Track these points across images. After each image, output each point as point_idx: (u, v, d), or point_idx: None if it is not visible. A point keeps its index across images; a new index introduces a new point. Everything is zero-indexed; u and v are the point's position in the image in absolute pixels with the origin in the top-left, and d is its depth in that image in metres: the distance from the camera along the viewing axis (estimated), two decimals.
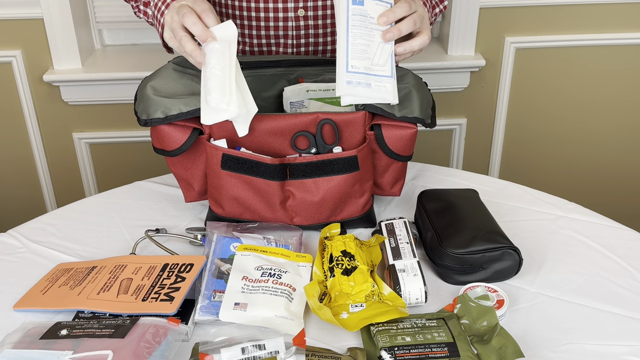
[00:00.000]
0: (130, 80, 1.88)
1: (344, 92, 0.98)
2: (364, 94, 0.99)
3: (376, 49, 1.00)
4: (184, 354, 0.86)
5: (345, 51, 0.99)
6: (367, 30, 1.00)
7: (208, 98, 0.96)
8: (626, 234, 1.12)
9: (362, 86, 0.99)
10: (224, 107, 0.96)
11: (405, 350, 0.84)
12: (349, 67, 0.98)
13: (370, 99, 1.01)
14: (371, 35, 1.00)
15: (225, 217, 1.09)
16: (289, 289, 0.94)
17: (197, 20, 0.98)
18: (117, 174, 2.09)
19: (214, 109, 0.96)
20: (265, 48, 1.28)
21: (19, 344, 0.85)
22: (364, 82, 0.99)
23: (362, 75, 0.99)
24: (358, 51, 0.99)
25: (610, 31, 1.96)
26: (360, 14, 1.00)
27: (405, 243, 1.01)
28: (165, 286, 0.93)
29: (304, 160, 1.04)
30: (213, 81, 0.96)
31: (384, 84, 1.01)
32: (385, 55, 1.01)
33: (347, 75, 0.98)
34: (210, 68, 0.97)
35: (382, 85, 1.00)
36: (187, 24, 0.98)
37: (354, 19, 0.99)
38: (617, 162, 2.17)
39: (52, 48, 1.87)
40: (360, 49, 0.99)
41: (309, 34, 1.25)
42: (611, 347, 0.88)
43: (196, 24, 0.98)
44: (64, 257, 1.07)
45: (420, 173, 1.30)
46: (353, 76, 0.98)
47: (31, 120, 1.98)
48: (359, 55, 0.99)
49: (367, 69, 0.99)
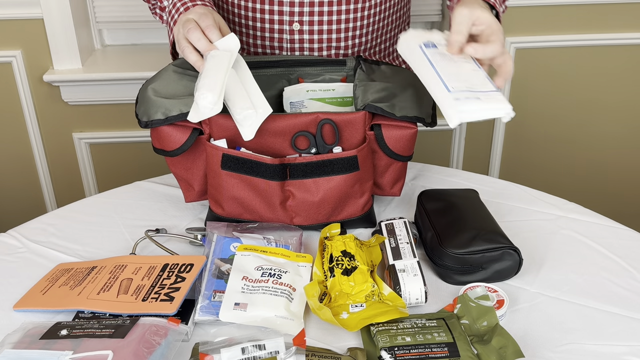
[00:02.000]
0: (130, 80, 1.88)
1: (454, 110, 0.89)
2: (476, 107, 0.90)
3: (469, 74, 0.95)
4: (184, 354, 0.86)
5: (439, 79, 0.93)
6: (452, 62, 0.96)
7: (195, 94, 0.97)
8: (626, 234, 1.12)
9: (472, 100, 0.90)
10: (208, 106, 0.96)
11: (405, 351, 0.84)
12: (450, 88, 0.92)
13: (485, 111, 0.91)
14: (458, 66, 0.96)
15: (225, 217, 1.09)
16: (289, 289, 0.94)
17: (201, 36, 1.02)
18: (117, 174, 2.09)
19: (198, 105, 0.97)
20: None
21: (19, 344, 0.85)
22: (472, 97, 0.91)
23: (467, 92, 0.91)
24: (452, 75, 0.94)
25: (610, 31, 1.96)
26: (438, 53, 0.97)
27: (405, 243, 1.01)
28: (165, 286, 0.93)
29: (304, 160, 1.04)
30: (203, 80, 0.97)
31: (494, 95, 0.93)
32: (480, 76, 0.95)
33: (451, 94, 0.91)
34: (205, 70, 0.99)
35: (492, 96, 0.92)
36: (192, 39, 1.02)
37: (433, 57, 0.96)
38: (617, 162, 2.17)
39: (52, 48, 1.87)
40: (453, 75, 0.94)
41: (303, 47, 1.26)
42: (611, 347, 0.88)
43: (200, 39, 1.02)
44: (64, 257, 1.07)
45: (420, 173, 1.30)
46: (458, 93, 0.91)
47: (31, 120, 1.98)
48: (455, 79, 0.93)
49: (469, 87, 0.93)
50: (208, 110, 0.96)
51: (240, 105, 0.99)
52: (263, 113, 1.01)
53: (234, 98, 1.00)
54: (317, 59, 1.21)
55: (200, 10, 1.06)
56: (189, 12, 1.06)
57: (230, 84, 1.01)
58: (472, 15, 0.98)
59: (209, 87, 0.96)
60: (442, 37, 1.02)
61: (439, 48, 0.99)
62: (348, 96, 1.19)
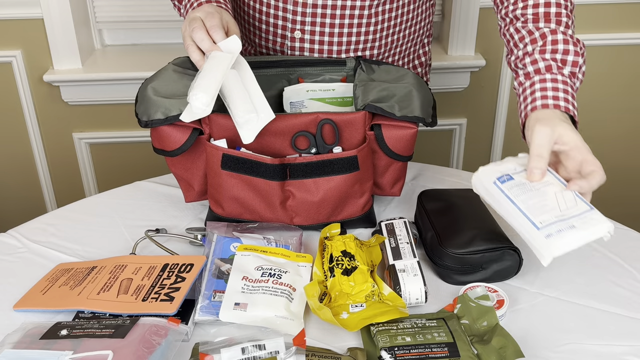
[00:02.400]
0: (130, 80, 1.88)
1: (547, 251, 0.83)
2: (573, 237, 0.84)
3: (555, 199, 0.87)
4: (184, 354, 0.86)
5: (524, 217, 0.86)
6: (534, 191, 0.89)
7: (189, 94, 0.97)
8: (626, 234, 1.12)
9: (567, 231, 0.83)
10: (200, 107, 0.96)
11: (406, 351, 0.84)
12: (538, 225, 0.85)
13: (584, 238, 0.84)
14: (542, 192, 0.89)
15: (225, 217, 1.09)
16: (289, 289, 0.94)
17: (205, 36, 1.02)
18: (117, 174, 2.09)
19: (191, 105, 0.97)
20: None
21: (19, 344, 0.85)
22: (566, 227, 0.83)
23: (558, 223, 0.84)
24: (537, 209, 0.86)
25: (610, 31, 1.96)
26: (517, 185, 0.90)
27: (405, 243, 1.01)
28: (165, 286, 0.93)
29: (304, 160, 1.04)
30: (199, 80, 0.97)
31: (590, 217, 0.85)
32: (569, 198, 0.88)
33: (540, 232, 0.84)
34: (202, 70, 0.99)
35: (588, 218, 0.85)
36: (196, 39, 1.02)
37: (512, 192, 0.89)
38: (617, 162, 2.17)
39: (52, 48, 1.87)
40: (538, 207, 0.86)
41: (303, 55, 1.26)
42: (611, 347, 0.88)
43: (204, 40, 1.02)
44: (64, 257, 1.07)
45: (420, 173, 1.30)
46: (548, 228, 0.84)
47: (31, 120, 1.98)
48: (541, 212, 0.86)
49: (559, 216, 0.85)
50: (200, 111, 0.96)
51: (242, 108, 0.99)
52: (265, 118, 1.01)
53: (235, 100, 1.00)
54: (317, 59, 1.21)
55: (208, 9, 1.06)
56: (197, 10, 1.06)
57: (232, 85, 1.00)
58: (554, 134, 0.91)
59: (203, 88, 0.95)
60: (516, 164, 0.94)
61: (516, 178, 0.91)
62: (348, 96, 1.19)
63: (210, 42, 1.02)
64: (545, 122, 0.93)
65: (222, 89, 1.00)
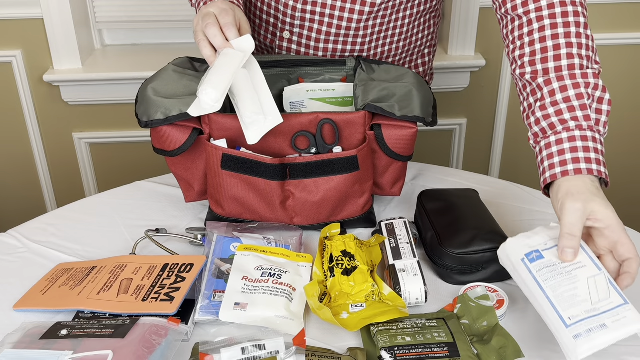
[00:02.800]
0: (130, 80, 1.88)
1: (575, 352, 0.78)
2: (604, 338, 0.79)
3: (587, 287, 0.82)
4: (184, 354, 0.86)
5: (552, 309, 0.81)
6: (565, 275, 0.83)
7: (199, 89, 0.96)
8: None
9: (597, 331, 0.79)
10: (209, 102, 0.95)
11: (406, 350, 0.84)
12: (567, 320, 0.79)
13: (614, 340, 0.79)
14: (574, 277, 0.83)
15: (225, 217, 1.09)
16: (289, 289, 0.94)
17: (218, 33, 1.01)
18: (117, 174, 2.09)
19: (200, 100, 0.96)
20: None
21: (19, 344, 0.85)
22: (596, 326, 0.79)
23: (588, 320, 0.79)
24: (566, 300, 0.81)
25: (610, 31, 1.96)
26: (546, 266, 0.84)
27: (405, 243, 1.01)
28: (165, 286, 0.93)
29: (304, 160, 1.04)
30: (210, 76, 0.97)
31: (623, 314, 0.80)
32: (602, 287, 0.82)
33: (569, 330, 0.79)
34: (214, 66, 0.98)
35: (621, 316, 0.80)
36: (209, 35, 1.02)
37: (541, 275, 0.84)
38: (617, 162, 2.17)
39: (52, 48, 1.87)
40: (568, 296, 0.81)
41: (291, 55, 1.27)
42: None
43: (216, 36, 1.01)
44: (64, 257, 1.07)
45: (420, 173, 1.30)
46: (578, 327, 0.79)
47: (31, 120, 1.98)
48: (570, 304, 0.81)
49: (590, 311, 0.80)
50: (209, 107, 0.96)
51: (250, 109, 0.99)
52: (272, 121, 1.00)
53: (244, 100, 1.00)
54: (317, 59, 1.21)
55: (222, 5, 1.06)
56: (210, 5, 1.07)
57: (241, 85, 1.00)
58: (586, 211, 0.85)
59: (213, 85, 0.95)
60: (547, 237, 0.88)
61: (546, 256, 0.85)
62: (348, 96, 1.19)
63: (223, 39, 1.01)
64: (577, 196, 0.86)
65: (231, 87, 0.99)
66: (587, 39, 0.98)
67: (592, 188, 0.88)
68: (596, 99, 0.95)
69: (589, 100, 0.94)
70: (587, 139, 0.91)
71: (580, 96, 0.94)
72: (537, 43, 0.98)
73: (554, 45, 0.97)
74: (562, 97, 0.94)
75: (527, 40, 0.99)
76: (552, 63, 0.96)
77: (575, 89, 0.94)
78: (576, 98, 0.94)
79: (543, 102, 0.96)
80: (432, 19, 1.32)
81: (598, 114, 0.94)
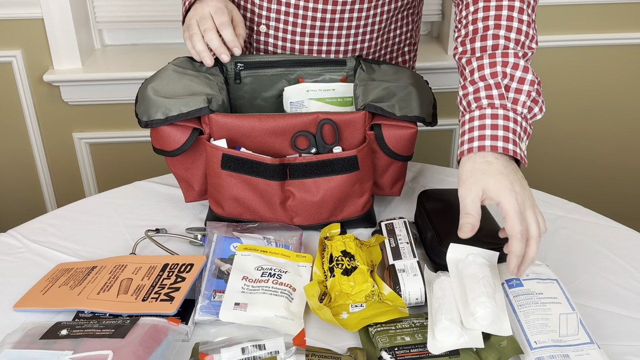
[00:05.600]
0: (130, 80, 1.88)
1: None
2: None
3: (558, 320, 0.86)
4: (184, 354, 0.86)
5: (521, 330, 0.86)
6: (539, 305, 0.88)
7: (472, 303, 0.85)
8: (626, 234, 1.12)
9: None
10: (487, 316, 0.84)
11: (406, 350, 0.84)
12: (533, 344, 0.83)
13: None
14: (546, 309, 0.88)
15: (225, 217, 1.09)
16: (289, 289, 0.94)
17: (215, 37, 1.10)
18: (117, 174, 2.09)
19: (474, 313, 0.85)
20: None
21: (19, 344, 0.85)
22: (559, 355, 0.81)
23: (552, 348, 0.82)
24: (536, 326, 0.85)
25: (610, 31, 1.96)
26: (524, 294, 0.90)
27: (405, 243, 1.01)
28: (165, 286, 0.93)
29: (304, 160, 1.04)
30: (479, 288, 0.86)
31: (587, 351, 0.82)
32: (572, 324, 0.85)
33: (532, 353, 0.82)
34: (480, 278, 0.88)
35: (585, 352, 0.82)
36: (207, 39, 1.10)
37: (517, 299, 0.90)
38: (617, 162, 2.17)
39: (52, 48, 1.87)
40: (538, 324, 0.86)
41: (268, 50, 1.27)
42: (611, 347, 0.88)
43: (213, 40, 1.10)
44: (64, 257, 1.07)
45: (420, 173, 1.30)
46: (541, 352, 0.82)
47: (31, 120, 1.98)
48: (539, 330, 0.85)
49: (557, 341, 0.83)
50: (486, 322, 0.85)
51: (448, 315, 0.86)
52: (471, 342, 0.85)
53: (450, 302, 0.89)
54: (317, 59, 1.21)
55: (217, 3, 1.08)
56: (206, 3, 1.07)
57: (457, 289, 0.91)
58: (478, 193, 0.88)
59: (489, 295, 0.86)
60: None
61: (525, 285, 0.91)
62: (348, 96, 1.19)
63: (219, 41, 1.09)
64: (464, 181, 0.89)
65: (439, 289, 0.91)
66: (520, 23, 0.97)
67: (482, 166, 0.88)
68: (516, 78, 0.94)
69: (505, 79, 0.94)
70: (498, 116, 0.91)
71: (494, 74, 0.94)
72: (470, 25, 1.00)
73: (484, 27, 0.98)
74: (479, 76, 0.95)
75: (463, 22, 1.01)
76: (479, 43, 0.97)
77: (491, 68, 0.95)
78: (491, 77, 0.94)
79: (465, 81, 0.97)
80: (410, 16, 1.33)
81: (517, 94, 0.94)
